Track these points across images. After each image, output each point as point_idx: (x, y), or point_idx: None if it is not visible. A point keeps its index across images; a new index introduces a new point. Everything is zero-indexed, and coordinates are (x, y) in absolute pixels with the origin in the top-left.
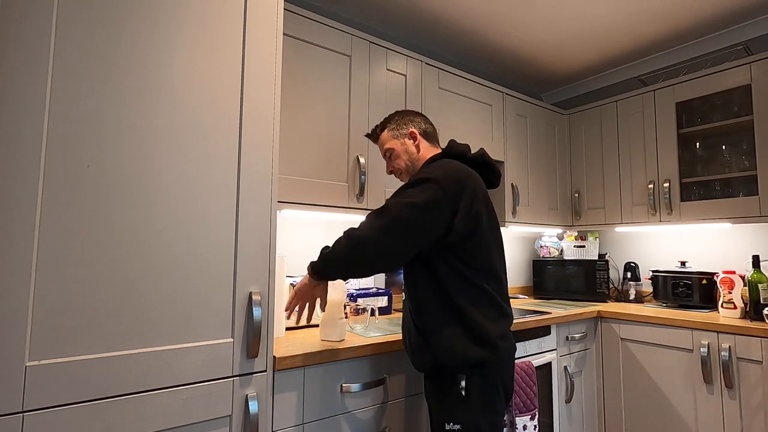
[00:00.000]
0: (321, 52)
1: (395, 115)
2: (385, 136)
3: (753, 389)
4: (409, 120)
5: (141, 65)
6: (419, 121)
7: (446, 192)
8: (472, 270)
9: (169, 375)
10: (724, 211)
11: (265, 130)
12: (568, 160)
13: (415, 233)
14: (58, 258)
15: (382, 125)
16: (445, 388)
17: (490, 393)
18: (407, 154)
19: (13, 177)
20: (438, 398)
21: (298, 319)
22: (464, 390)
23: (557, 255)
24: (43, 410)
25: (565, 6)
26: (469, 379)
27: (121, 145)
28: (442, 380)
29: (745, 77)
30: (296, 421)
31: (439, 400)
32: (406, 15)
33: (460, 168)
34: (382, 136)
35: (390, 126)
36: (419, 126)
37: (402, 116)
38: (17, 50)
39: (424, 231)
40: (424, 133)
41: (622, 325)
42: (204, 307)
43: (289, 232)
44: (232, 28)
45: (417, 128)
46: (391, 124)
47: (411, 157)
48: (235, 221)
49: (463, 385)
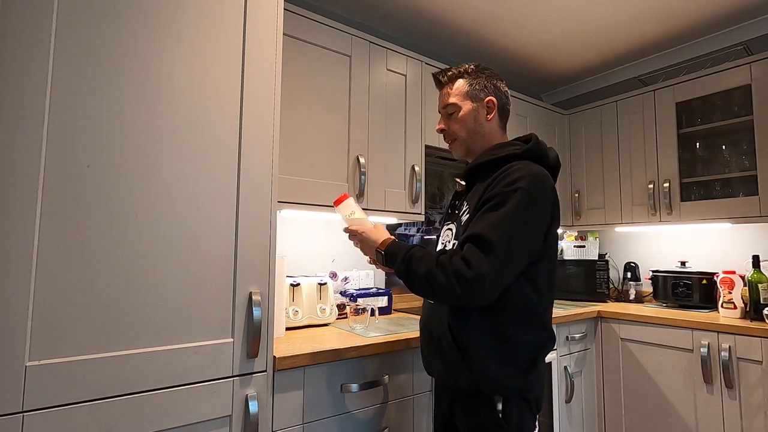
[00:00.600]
0: (321, 52)
1: (477, 69)
2: (459, 86)
3: (753, 389)
4: (494, 85)
5: (141, 65)
6: (504, 92)
7: (544, 213)
8: (536, 295)
9: (169, 375)
10: (724, 211)
11: (265, 130)
12: (568, 160)
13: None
14: (58, 258)
15: (458, 71)
16: (480, 411)
17: (526, 416)
18: (474, 123)
19: (13, 177)
20: (471, 422)
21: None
22: (501, 414)
23: (557, 255)
24: (43, 410)
25: (565, 6)
26: (507, 403)
27: (121, 145)
28: (476, 401)
29: (745, 77)
30: (296, 421)
31: (471, 425)
32: (406, 15)
33: (549, 180)
34: (456, 85)
35: (468, 79)
36: (501, 98)
37: (486, 77)
38: (17, 50)
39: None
40: (502, 109)
41: (622, 325)
42: (204, 307)
43: (289, 232)
44: (232, 28)
45: (498, 99)
46: (469, 78)
47: (476, 130)
48: (235, 221)
49: (500, 408)
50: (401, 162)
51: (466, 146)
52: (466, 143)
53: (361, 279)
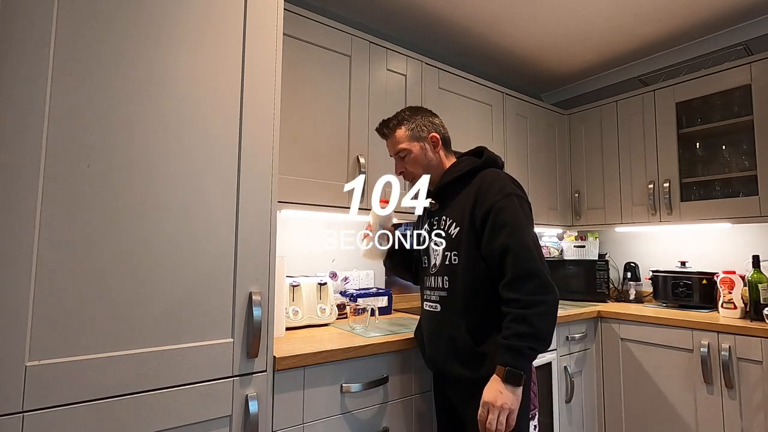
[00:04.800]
0: (321, 52)
1: (412, 113)
2: (401, 134)
3: (753, 389)
4: (430, 122)
5: (141, 65)
6: (439, 125)
7: (529, 205)
8: None
9: (169, 375)
10: (724, 211)
11: (265, 130)
12: (568, 160)
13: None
14: (58, 258)
15: (397, 120)
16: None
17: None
18: (426, 159)
19: (13, 177)
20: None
21: None
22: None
23: (557, 255)
24: (43, 410)
25: (565, 6)
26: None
27: (121, 146)
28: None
29: (745, 77)
30: (296, 421)
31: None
32: (406, 15)
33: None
34: (398, 134)
35: (408, 124)
36: (440, 131)
37: (422, 116)
38: (18, 50)
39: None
40: (444, 139)
41: (622, 325)
42: (204, 307)
43: (289, 232)
44: (233, 28)
45: (439, 133)
46: (409, 123)
47: (429, 164)
48: (235, 221)
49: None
50: None
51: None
52: (425, 177)
53: (361, 279)
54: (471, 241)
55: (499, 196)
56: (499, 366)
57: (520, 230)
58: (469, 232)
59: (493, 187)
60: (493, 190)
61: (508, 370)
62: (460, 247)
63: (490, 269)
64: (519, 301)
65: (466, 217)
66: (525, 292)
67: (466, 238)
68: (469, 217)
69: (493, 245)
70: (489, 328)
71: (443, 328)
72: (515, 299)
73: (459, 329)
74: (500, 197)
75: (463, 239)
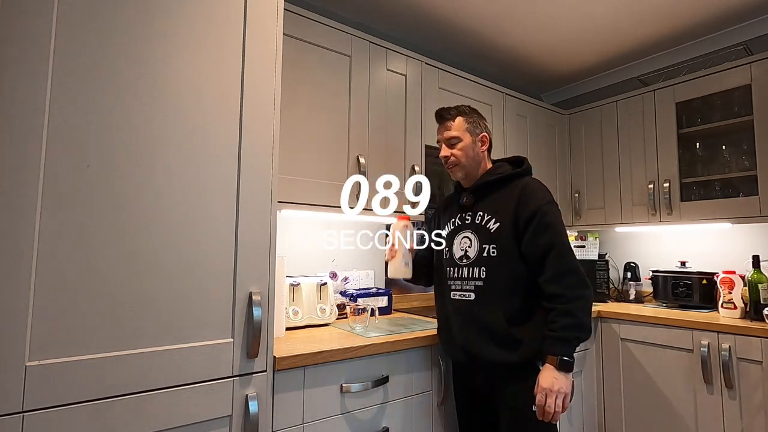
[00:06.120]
0: (321, 52)
1: (471, 110)
2: (460, 122)
3: (753, 389)
4: (485, 124)
5: (141, 65)
6: (490, 130)
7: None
8: None
9: (169, 375)
10: (724, 211)
11: (265, 130)
12: (568, 160)
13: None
14: (58, 258)
15: (458, 110)
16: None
17: None
18: (473, 153)
19: (13, 177)
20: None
21: None
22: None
23: None
24: (43, 410)
25: (565, 6)
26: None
27: (121, 145)
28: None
29: (745, 77)
30: (296, 421)
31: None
32: (406, 15)
33: None
34: (457, 121)
35: (467, 117)
36: (490, 135)
37: (479, 116)
38: (17, 50)
39: None
40: (490, 143)
41: (622, 325)
42: (204, 307)
43: (289, 232)
44: (233, 28)
45: (489, 135)
46: (468, 117)
47: (475, 159)
48: (235, 221)
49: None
50: (401, 162)
51: (465, 171)
52: (465, 168)
53: (361, 279)
54: (511, 237)
55: (544, 202)
56: (550, 356)
57: (562, 233)
58: (510, 228)
59: (537, 194)
60: (537, 196)
61: (561, 358)
62: (498, 241)
63: (530, 264)
64: (562, 296)
65: (509, 216)
66: (567, 287)
67: (507, 234)
68: (512, 215)
69: (538, 243)
70: (525, 317)
71: (479, 315)
72: (559, 294)
73: (497, 315)
74: (545, 203)
75: (503, 234)
